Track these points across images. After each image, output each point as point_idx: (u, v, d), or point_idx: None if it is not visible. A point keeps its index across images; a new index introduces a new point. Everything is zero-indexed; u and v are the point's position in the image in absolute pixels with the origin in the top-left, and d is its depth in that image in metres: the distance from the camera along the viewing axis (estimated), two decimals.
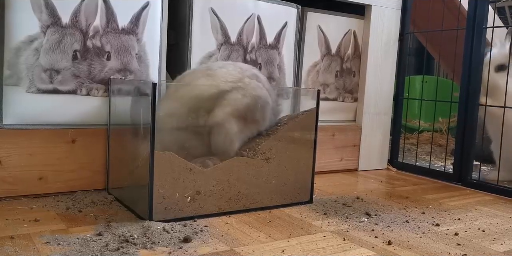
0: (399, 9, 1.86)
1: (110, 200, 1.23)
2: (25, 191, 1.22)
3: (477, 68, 1.62)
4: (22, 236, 0.96)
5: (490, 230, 1.16)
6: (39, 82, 1.22)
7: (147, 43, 1.35)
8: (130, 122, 1.21)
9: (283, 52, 1.63)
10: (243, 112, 1.18)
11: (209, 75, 1.19)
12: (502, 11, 2.53)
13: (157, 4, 1.36)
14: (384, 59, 1.85)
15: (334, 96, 1.81)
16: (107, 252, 0.89)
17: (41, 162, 1.23)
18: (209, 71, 1.20)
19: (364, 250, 0.97)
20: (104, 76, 1.30)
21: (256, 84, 1.20)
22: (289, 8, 1.62)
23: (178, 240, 0.97)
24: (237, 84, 1.18)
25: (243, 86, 1.18)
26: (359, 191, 1.50)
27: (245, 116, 1.18)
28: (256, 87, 1.20)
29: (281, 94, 1.35)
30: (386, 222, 1.17)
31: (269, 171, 1.23)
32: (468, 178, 1.64)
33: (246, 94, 1.18)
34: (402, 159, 1.92)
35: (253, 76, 1.22)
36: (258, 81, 1.22)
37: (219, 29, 1.47)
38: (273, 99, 1.26)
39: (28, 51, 1.20)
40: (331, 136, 1.76)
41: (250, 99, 1.18)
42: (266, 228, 1.09)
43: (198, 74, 1.21)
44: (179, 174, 1.09)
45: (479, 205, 1.40)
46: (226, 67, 1.22)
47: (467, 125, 1.64)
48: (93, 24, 1.27)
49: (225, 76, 1.19)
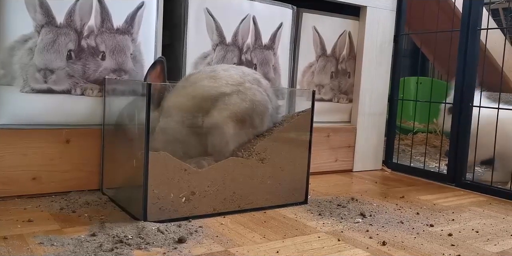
0: (394, 10, 1.87)
1: (105, 200, 1.22)
2: (19, 192, 1.21)
3: (472, 70, 1.63)
4: (15, 237, 0.95)
5: (484, 230, 1.16)
6: (33, 82, 1.21)
7: (142, 43, 1.35)
8: (126, 122, 1.21)
9: (278, 53, 1.63)
10: (241, 116, 1.18)
11: (213, 77, 1.20)
12: (496, 13, 2.55)
13: (152, 4, 1.36)
14: (379, 60, 1.86)
15: (329, 97, 1.81)
16: (101, 252, 0.88)
17: (35, 162, 1.22)
18: (213, 73, 1.21)
19: (358, 251, 0.98)
20: (99, 76, 1.30)
21: (256, 89, 1.21)
22: (285, 8, 1.62)
23: (173, 240, 0.97)
24: (237, 87, 1.19)
25: (243, 90, 1.19)
26: (354, 192, 1.50)
27: (242, 119, 1.19)
28: (256, 92, 1.21)
29: (276, 95, 1.35)
30: (381, 223, 1.17)
31: (264, 171, 1.23)
32: (462, 179, 1.65)
33: (245, 99, 1.19)
34: (397, 160, 1.92)
35: (255, 81, 1.23)
36: (259, 86, 1.23)
37: (215, 30, 1.47)
38: (274, 105, 1.26)
39: (22, 50, 1.19)
40: (326, 137, 1.77)
41: (249, 104, 1.19)
42: (261, 228, 1.09)
43: (203, 75, 1.22)
44: (173, 174, 1.09)
45: (473, 206, 1.40)
46: (229, 70, 1.23)
47: (461, 126, 1.65)
48: (87, 24, 1.26)
49: (227, 79, 1.19)
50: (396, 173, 1.87)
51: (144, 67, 1.36)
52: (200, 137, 1.20)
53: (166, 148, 1.10)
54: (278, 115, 1.29)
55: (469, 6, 1.63)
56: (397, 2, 1.87)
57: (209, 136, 1.19)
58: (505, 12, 2.50)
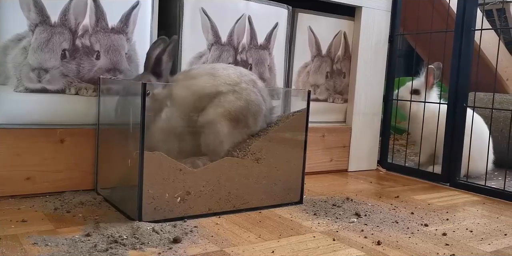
0: (389, 11, 1.87)
1: (99, 200, 1.22)
2: (13, 192, 1.21)
3: (466, 70, 1.64)
4: (9, 237, 0.94)
5: (478, 230, 1.17)
6: (27, 81, 1.21)
7: (137, 42, 1.35)
8: (120, 121, 1.20)
9: (273, 53, 1.63)
10: (235, 114, 1.19)
11: (213, 75, 1.22)
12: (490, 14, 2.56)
13: (147, 3, 1.36)
14: (374, 61, 1.86)
15: (324, 97, 1.81)
16: (95, 253, 0.88)
17: (29, 162, 1.22)
18: (213, 70, 1.24)
19: (353, 250, 0.98)
20: (93, 76, 1.29)
21: (251, 90, 1.23)
22: (280, 8, 1.62)
23: (168, 240, 0.96)
24: (233, 87, 1.21)
25: (238, 90, 1.21)
26: (349, 192, 1.51)
27: (236, 118, 1.20)
28: (251, 93, 1.22)
29: (271, 95, 1.35)
30: (376, 223, 1.18)
31: (259, 171, 1.23)
32: (456, 179, 1.66)
33: (240, 98, 1.20)
34: (392, 160, 1.93)
35: (250, 82, 1.25)
36: (254, 87, 1.24)
37: (210, 29, 1.47)
38: (268, 106, 1.28)
39: (16, 49, 1.19)
40: (321, 137, 1.77)
41: (243, 103, 1.20)
42: (256, 228, 1.09)
43: (203, 72, 1.24)
44: (168, 174, 1.08)
45: (467, 206, 1.41)
46: (228, 69, 1.25)
47: (455, 127, 1.66)
48: (82, 23, 1.26)
49: (225, 79, 1.21)
50: (390, 173, 1.87)
51: (139, 66, 1.36)
52: (194, 136, 1.20)
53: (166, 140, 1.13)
54: (272, 115, 1.30)
55: (463, 7, 1.64)
56: (392, 2, 1.87)
57: (203, 136, 1.20)
58: (499, 13, 2.52)
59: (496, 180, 1.77)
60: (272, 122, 1.29)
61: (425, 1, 2.04)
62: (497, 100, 2.01)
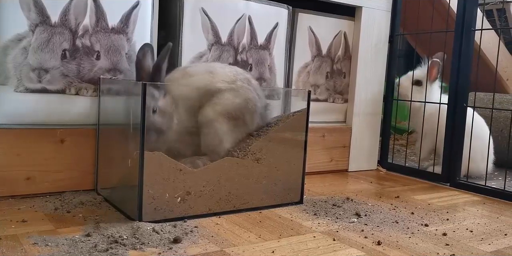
0: (389, 11, 1.87)
1: (99, 200, 1.22)
2: (13, 192, 1.21)
3: (466, 70, 1.64)
4: (9, 237, 0.94)
5: (478, 230, 1.17)
6: (28, 81, 1.21)
7: (137, 42, 1.35)
8: (120, 121, 1.20)
9: (274, 53, 1.63)
10: (233, 112, 1.20)
11: (211, 72, 1.23)
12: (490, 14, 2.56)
13: (148, 3, 1.36)
14: (374, 61, 1.86)
15: (324, 97, 1.81)
16: (95, 253, 0.88)
17: (29, 162, 1.22)
18: (211, 68, 1.25)
19: (353, 250, 0.98)
20: (94, 76, 1.29)
21: (247, 88, 1.24)
22: (280, 8, 1.62)
23: (168, 240, 0.96)
24: (231, 85, 1.22)
25: (235, 88, 1.22)
26: (349, 192, 1.51)
27: (234, 116, 1.20)
28: (247, 90, 1.24)
29: (271, 95, 1.36)
30: (376, 223, 1.18)
31: (259, 171, 1.23)
32: (457, 179, 1.66)
33: (237, 95, 1.21)
34: (392, 160, 1.93)
35: (245, 80, 1.26)
36: (249, 85, 1.25)
37: (210, 30, 1.47)
38: (262, 104, 1.29)
39: (16, 49, 1.19)
40: (321, 137, 1.77)
41: (240, 100, 1.21)
42: (256, 228, 1.09)
43: (202, 69, 1.25)
44: (169, 174, 1.08)
45: (467, 206, 1.41)
46: (224, 68, 1.27)
47: (455, 127, 1.66)
48: (82, 23, 1.26)
49: (223, 76, 1.23)
50: (391, 173, 1.87)
51: None
52: (194, 136, 1.21)
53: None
54: (267, 111, 1.31)
55: (463, 7, 1.64)
56: (392, 2, 1.87)
57: (202, 135, 1.20)
58: (499, 13, 2.51)
59: (496, 180, 1.77)
60: (268, 119, 1.29)
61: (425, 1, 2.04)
62: (497, 100, 2.01)
